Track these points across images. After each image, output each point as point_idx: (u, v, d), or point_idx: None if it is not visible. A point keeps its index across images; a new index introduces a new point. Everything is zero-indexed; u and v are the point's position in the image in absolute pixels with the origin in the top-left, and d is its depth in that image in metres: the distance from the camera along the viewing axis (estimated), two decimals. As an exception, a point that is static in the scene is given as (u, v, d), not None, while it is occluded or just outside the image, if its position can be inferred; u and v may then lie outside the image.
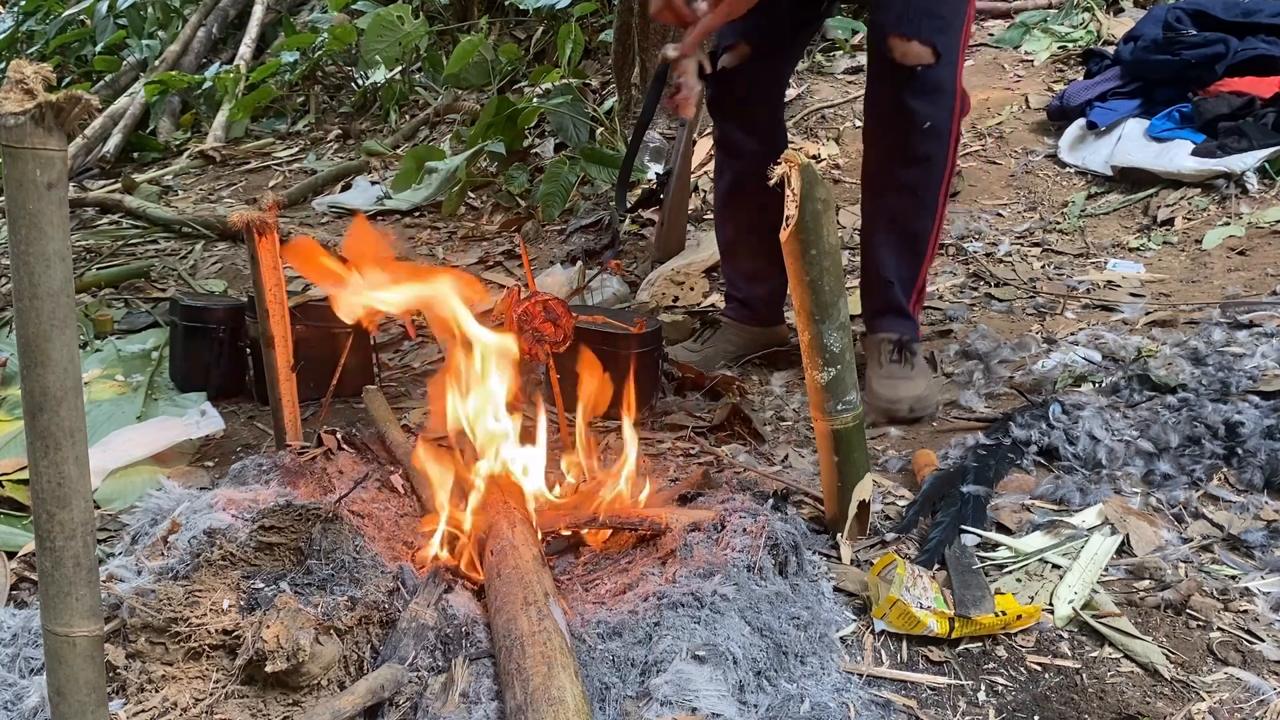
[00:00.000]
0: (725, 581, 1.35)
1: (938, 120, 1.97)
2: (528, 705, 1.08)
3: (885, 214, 2.07)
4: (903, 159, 2.01)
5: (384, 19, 4.39)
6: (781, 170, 1.42)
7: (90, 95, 0.91)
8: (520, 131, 3.94)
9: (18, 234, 0.91)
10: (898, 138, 2.00)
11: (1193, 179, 3.03)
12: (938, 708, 1.26)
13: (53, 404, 0.94)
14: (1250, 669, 1.28)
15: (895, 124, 1.99)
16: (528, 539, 1.44)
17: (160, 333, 2.79)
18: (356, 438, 1.93)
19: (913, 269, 2.09)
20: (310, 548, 1.45)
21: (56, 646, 1.00)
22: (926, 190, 2.03)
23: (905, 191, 2.04)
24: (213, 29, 6.23)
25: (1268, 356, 2.04)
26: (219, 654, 1.26)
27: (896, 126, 1.99)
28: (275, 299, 1.83)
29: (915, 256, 2.08)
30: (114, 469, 1.99)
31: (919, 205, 2.04)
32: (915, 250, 2.08)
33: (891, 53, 1.92)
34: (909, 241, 2.07)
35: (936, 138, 1.98)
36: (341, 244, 1.70)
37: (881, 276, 2.08)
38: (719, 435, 2.05)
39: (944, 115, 1.97)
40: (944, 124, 1.98)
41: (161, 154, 5.39)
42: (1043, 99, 3.73)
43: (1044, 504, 1.69)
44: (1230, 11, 3.34)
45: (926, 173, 2.01)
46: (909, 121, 1.96)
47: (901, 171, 2.03)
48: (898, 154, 2.02)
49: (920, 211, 2.05)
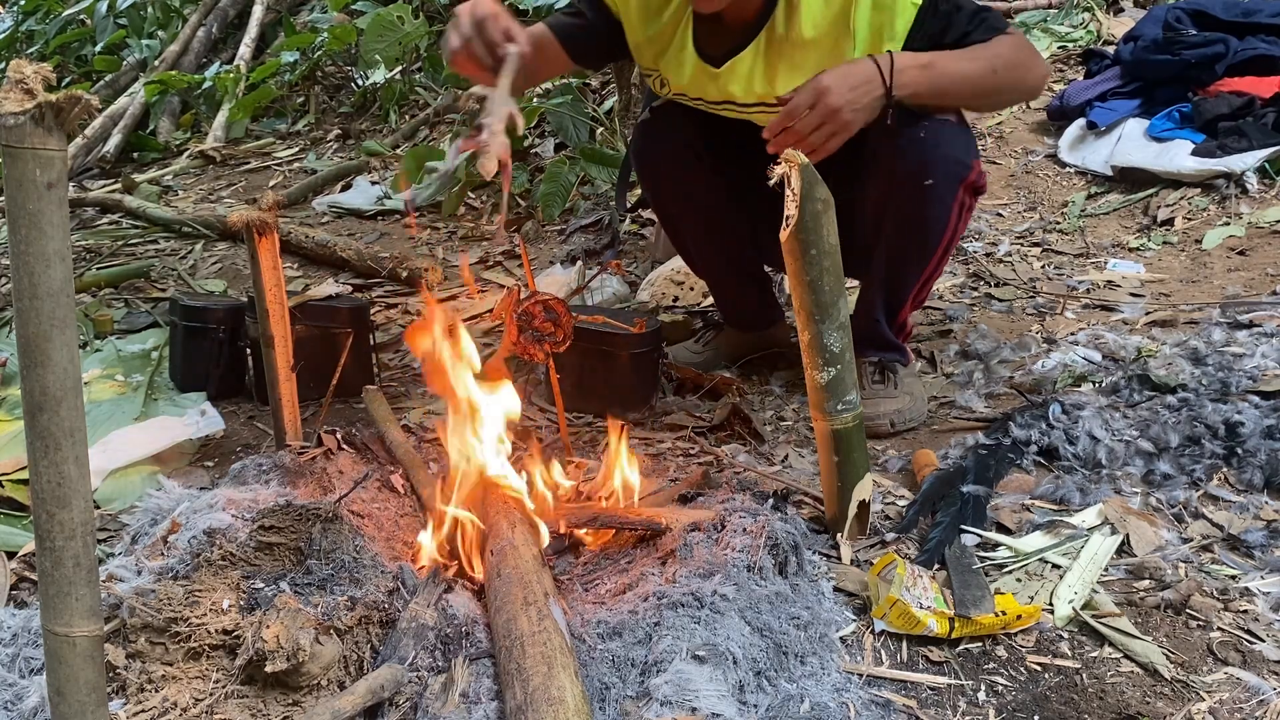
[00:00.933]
0: (725, 581, 1.35)
1: (939, 182, 1.88)
2: (528, 705, 1.08)
3: (880, 261, 2.01)
4: (899, 216, 1.93)
5: (384, 19, 4.39)
6: (781, 170, 1.42)
7: (90, 95, 0.91)
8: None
9: (18, 234, 0.91)
10: (901, 196, 1.91)
11: (1193, 179, 3.03)
12: (938, 708, 1.26)
13: (53, 404, 0.94)
14: (1250, 669, 1.28)
15: (896, 180, 1.90)
16: (528, 539, 1.44)
17: (160, 333, 2.79)
18: (356, 438, 1.93)
19: (898, 313, 2.08)
20: (310, 548, 1.45)
21: (56, 646, 1.00)
22: (922, 249, 1.96)
23: (898, 248, 1.97)
24: (213, 29, 6.23)
25: (1268, 356, 2.04)
26: (219, 654, 1.26)
27: (897, 183, 1.90)
28: (275, 299, 1.83)
29: (900, 304, 2.06)
30: (114, 469, 1.99)
31: (910, 261, 1.99)
32: (900, 299, 2.05)
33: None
34: (897, 292, 2.04)
35: (939, 200, 1.89)
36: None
37: (870, 314, 2.07)
38: (719, 435, 2.05)
39: (950, 180, 1.89)
40: (948, 189, 1.89)
41: (161, 154, 5.40)
42: (1043, 99, 3.73)
43: (1044, 504, 1.69)
44: (1230, 11, 3.35)
45: (923, 233, 1.93)
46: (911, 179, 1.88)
47: (896, 228, 1.95)
48: (895, 210, 1.94)
49: (912, 268, 2.00)
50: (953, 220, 1.93)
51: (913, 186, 1.87)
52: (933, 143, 1.85)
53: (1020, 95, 1.97)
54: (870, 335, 2.08)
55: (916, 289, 2.04)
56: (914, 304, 2.09)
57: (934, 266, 2.00)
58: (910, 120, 1.83)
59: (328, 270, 3.45)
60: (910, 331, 2.17)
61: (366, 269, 3.33)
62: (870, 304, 2.07)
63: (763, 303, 2.38)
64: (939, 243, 1.95)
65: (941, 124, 1.86)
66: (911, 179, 1.87)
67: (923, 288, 2.05)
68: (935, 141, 1.85)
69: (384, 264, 3.28)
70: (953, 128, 1.89)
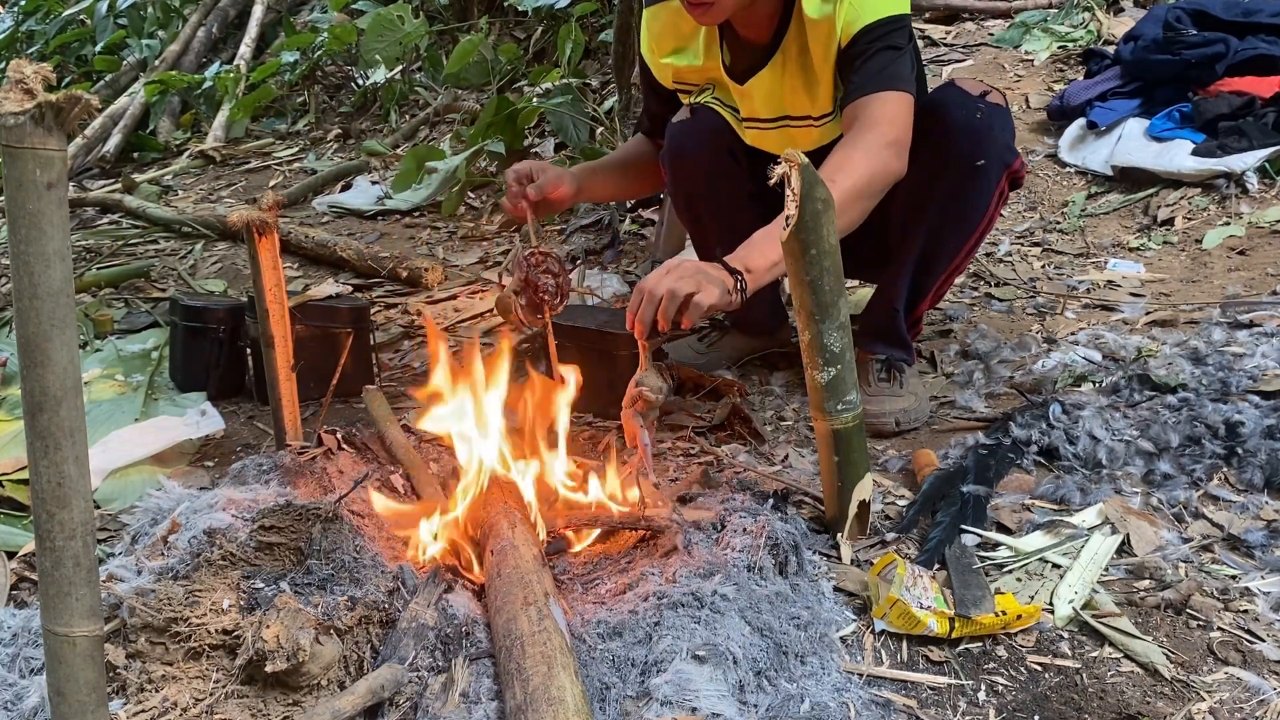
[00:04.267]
0: (725, 581, 1.35)
1: (990, 164, 1.91)
2: (528, 705, 1.08)
3: (914, 244, 2.02)
4: (945, 195, 1.95)
5: (384, 19, 4.40)
6: (781, 170, 1.42)
7: (90, 95, 0.91)
8: (520, 131, 3.94)
9: (18, 234, 0.91)
10: (951, 174, 1.93)
11: (1193, 179, 3.03)
12: (938, 708, 1.26)
13: (53, 404, 0.94)
14: (1250, 669, 1.28)
15: (949, 158, 1.92)
16: (528, 539, 1.44)
17: (160, 333, 2.79)
18: (356, 438, 1.92)
19: (917, 305, 2.10)
20: (310, 548, 1.45)
21: (56, 646, 1.00)
22: (960, 232, 1.98)
23: (937, 229, 1.99)
24: (213, 29, 6.23)
25: (1268, 356, 2.04)
26: (219, 654, 1.26)
27: (950, 161, 1.92)
28: (275, 299, 1.83)
29: (923, 296, 2.08)
30: (114, 469, 1.99)
31: (946, 243, 2.01)
32: (925, 289, 2.07)
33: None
34: (923, 280, 2.05)
35: (986, 182, 1.92)
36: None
37: (890, 305, 2.08)
38: (719, 435, 2.05)
39: (998, 164, 1.92)
40: (995, 173, 1.93)
41: (161, 154, 5.40)
42: (1043, 99, 3.73)
43: (1044, 504, 1.69)
44: (1230, 11, 3.34)
45: (964, 214, 1.96)
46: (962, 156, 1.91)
47: (941, 207, 1.97)
48: (943, 189, 1.95)
49: (945, 253, 2.02)
50: (992, 206, 1.97)
51: (965, 166, 1.91)
52: (987, 125, 1.90)
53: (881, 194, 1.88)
54: (884, 330, 2.09)
55: (943, 279, 2.07)
56: (934, 298, 2.12)
57: (965, 254, 2.04)
58: (965, 100, 1.90)
59: (328, 270, 3.45)
60: (920, 330, 2.17)
61: (366, 269, 3.33)
62: (893, 294, 2.07)
63: (773, 308, 2.38)
64: (976, 228, 1.99)
65: (995, 107, 1.92)
66: (965, 158, 1.91)
67: (947, 279, 2.08)
68: (989, 124, 1.91)
69: (384, 264, 3.29)
70: (1003, 112, 1.94)
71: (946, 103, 1.93)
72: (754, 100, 2.01)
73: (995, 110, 1.92)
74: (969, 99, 1.91)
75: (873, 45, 1.78)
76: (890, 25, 1.78)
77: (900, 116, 1.77)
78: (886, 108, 1.76)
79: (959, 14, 4.55)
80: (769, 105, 2.00)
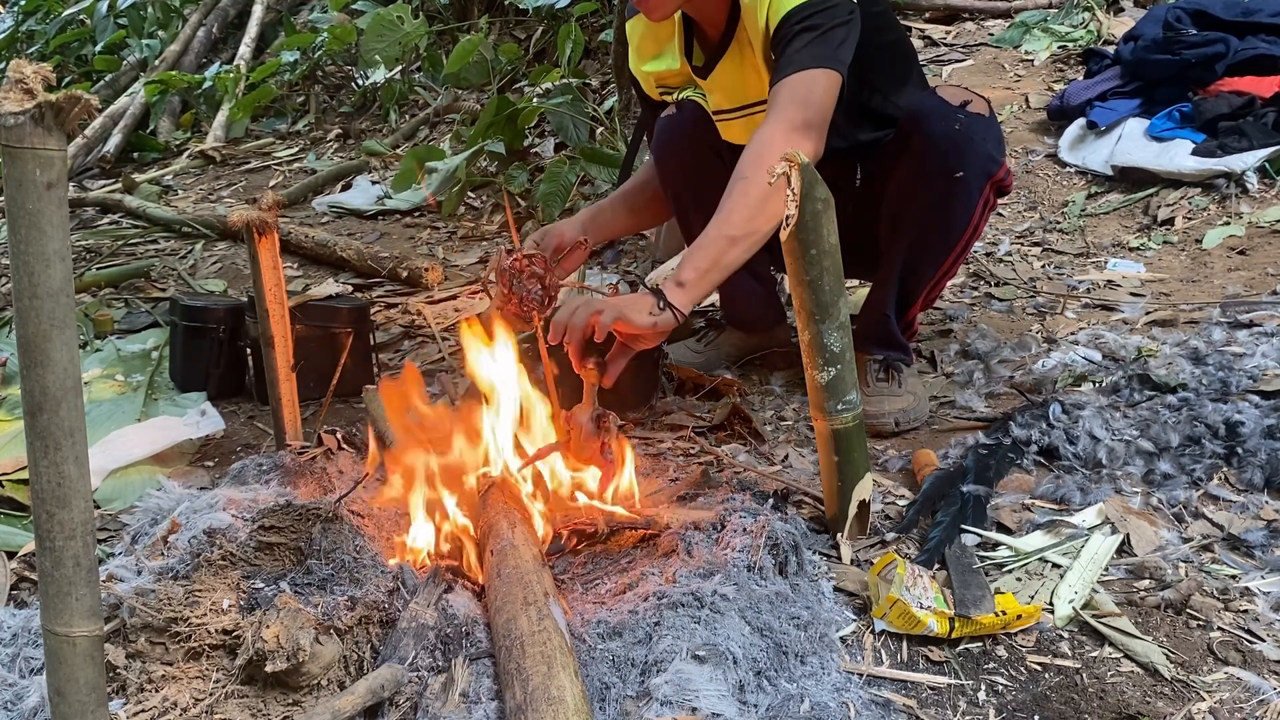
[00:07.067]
0: (725, 581, 1.35)
1: (970, 175, 1.90)
2: (528, 705, 1.08)
3: (898, 253, 2.02)
4: (925, 206, 1.94)
5: (384, 19, 4.39)
6: (781, 169, 1.42)
7: (90, 95, 0.91)
8: (520, 131, 3.94)
9: (18, 234, 0.91)
10: (930, 186, 1.92)
11: (1193, 178, 3.03)
12: (938, 708, 1.26)
13: (53, 404, 0.94)
14: (1250, 669, 1.28)
15: (927, 169, 1.91)
16: (528, 539, 1.44)
17: (160, 333, 2.79)
18: (356, 438, 1.92)
19: (908, 310, 2.09)
20: (310, 548, 1.45)
21: (56, 646, 1.00)
22: (943, 243, 1.97)
23: (919, 240, 1.98)
24: (213, 29, 6.23)
25: (1268, 356, 2.03)
26: (219, 654, 1.26)
27: (928, 173, 1.91)
28: (275, 299, 1.83)
29: (912, 301, 2.07)
30: (114, 469, 1.99)
31: (930, 254, 2.00)
32: (913, 295, 2.06)
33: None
34: (910, 286, 2.05)
35: (966, 194, 1.91)
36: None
37: (880, 310, 2.07)
38: (719, 435, 2.05)
39: (979, 175, 1.90)
40: (976, 183, 1.91)
41: (161, 154, 5.40)
42: (1043, 98, 3.73)
43: (1044, 503, 1.69)
44: (1230, 11, 3.34)
45: (946, 226, 1.95)
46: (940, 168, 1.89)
47: (920, 219, 1.96)
48: (922, 200, 1.94)
49: (929, 262, 2.00)
50: (976, 216, 1.95)
51: (944, 177, 1.89)
52: (967, 135, 1.87)
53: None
54: (878, 332, 2.09)
55: (930, 285, 2.05)
56: (925, 303, 2.10)
57: (951, 263, 2.01)
58: (945, 110, 1.86)
59: (328, 270, 3.45)
60: (916, 331, 2.17)
61: (366, 269, 3.33)
62: (881, 299, 2.07)
63: (767, 304, 2.38)
64: (959, 238, 1.97)
65: (976, 117, 1.88)
66: (944, 170, 1.88)
67: (936, 285, 2.06)
68: (969, 134, 1.87)
69: (384, 264, 3.29)
70: (986, 122, 1.91)
71: (926, 113, 1.91)
72: (719, 93, 2.01)
73: (976, 120, 1.88)
74: (949, 109, 1.88)
75: (793, 29, 1.74)
76: (811, 8, 1.73)
77: (813, 95, 1.71)
78: (797, 90, 1.71)
79: (959, 14, 4.55)
80: (730, 96, 1.99)
